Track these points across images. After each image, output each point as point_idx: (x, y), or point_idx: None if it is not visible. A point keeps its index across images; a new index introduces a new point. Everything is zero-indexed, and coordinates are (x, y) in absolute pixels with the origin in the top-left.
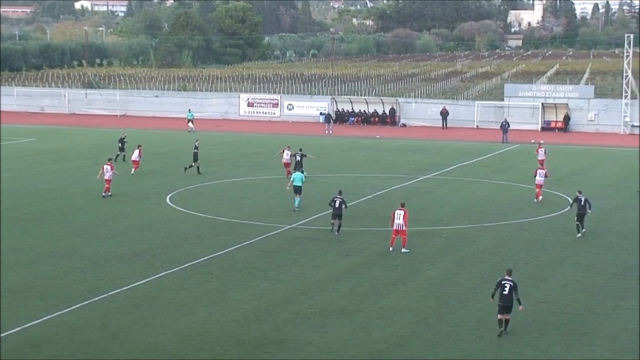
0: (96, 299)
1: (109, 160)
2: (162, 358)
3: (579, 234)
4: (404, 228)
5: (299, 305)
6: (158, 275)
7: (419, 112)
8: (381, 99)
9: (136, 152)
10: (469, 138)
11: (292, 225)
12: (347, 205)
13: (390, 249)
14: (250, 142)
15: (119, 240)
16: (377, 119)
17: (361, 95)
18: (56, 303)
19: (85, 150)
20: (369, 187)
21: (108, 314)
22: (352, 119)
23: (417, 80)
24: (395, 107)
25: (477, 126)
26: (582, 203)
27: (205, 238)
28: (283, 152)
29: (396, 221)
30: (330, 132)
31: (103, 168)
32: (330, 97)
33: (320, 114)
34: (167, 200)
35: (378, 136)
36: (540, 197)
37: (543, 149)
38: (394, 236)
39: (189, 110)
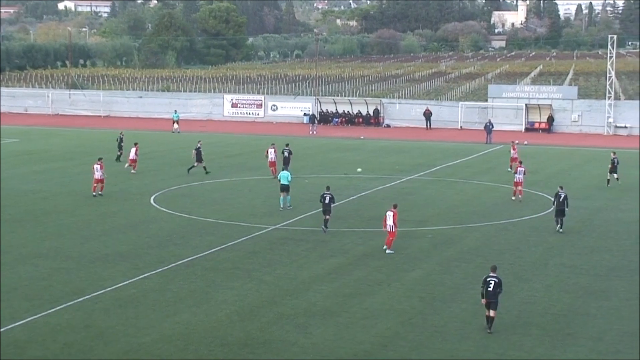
0: (80, 299)
1: (99, 159)
2: (147, 359)
3: (559, 227)
4: (393, 229)
5: (284, 305)
6: (142, 276)
7: (403, 112)
8: (365, 100)
9: (132, 150)
10: (453, 139)
11: (277, 226)
12: (335, 202)
13: (385, 249)
14: (234, 142)
15: (103, 241)
16: (361, 119)
17: (345, 96)
18: (40, 304)
19: (69, 151)
20: (353, 187)
21: (92, 314)
22: (336, 119)
23: (401, 81)
24: (379, 107)
25: (461, 127)
26: (561, 199)
27: (189, 239)
28: (268, 151)
29: (388, 222)
30: (314, 132)
31: (93, 167)
32: (314, 97)
33: (304, 114)
34: (152, 201)
35: (362, 137)
36: (521, 196)
37: (516, 149)
38: (391, 238)
39: (175, 111)
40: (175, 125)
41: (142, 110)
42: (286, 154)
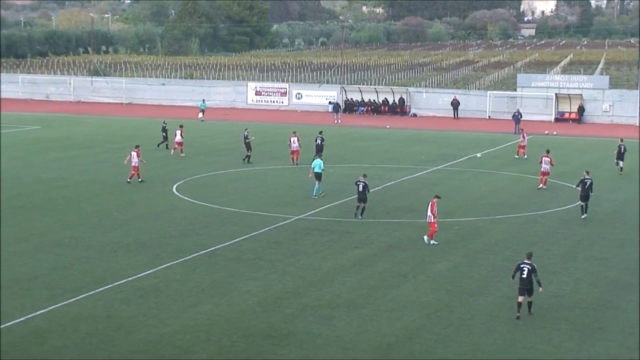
0: (101, 289)
1: (137, 147)
2: (168, 349)
3: (584, 215)
4: (432, 220)
5: (307, 297)
6: (164, 266)
7: (430, 102)
8: (391, 89)
9: (178, 132)
10: (481, 129)
11: (300, 216)
12: (369, 190)
13: (427, 239)
14: (257, 131)
15: (124, 230)
16: (387, 108)
17: (371, 84)
18: (61, 293)
19: (90, 139)
20: (378, 177)
21: (113, 304)
22: (362, 108)
23: (428, 69)
24: (405, 96)
25: (489, 117)
26: (587, 186)
27: (212, 228)
28: (290, 139)
29: (427, 212)
30: (339, 121)
31: (130, 154)
32: (340, 86)
33: (329, 103)
34: (174, 189)
35: (388, 126)
36: (545, 186)
37: (526, 137)
38: (434, 229)
39: (203, 100)
40: (200, 114)
41: (165, 98)
42: (319, 141)
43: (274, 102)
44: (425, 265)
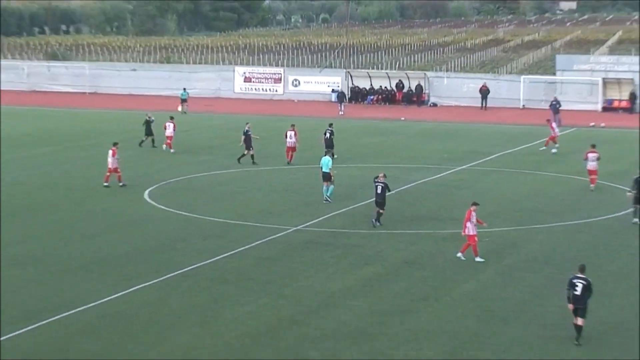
0: (58, 317)
1: (114, 144)
2: None
3: (636, 219)
4: (470, 232)
5: (307, 325)
6: (134, 289)
7: (453, 89)
8: (406, 73)
9: (170, 126)
10: (513, 120)
11: (299, 227)
12: (390, 190)
13: (461, 255)
14: (240, 127)
15: (87, 245)
16: (401, 97)
17: (382, 68)
18: (8, 323)
19: (51, 135)
20: (391, 180)
21: (72, 337)
22: (371, 97)
23: (449, 50)
24: (423, 83)
25: (523, 106)
26: None
27: (191, 243)
28: (287, 134)
29: (466, 224)
30: (343, 112)
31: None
32: (345, 70)
33: (332, 91)
34: (146, 196)
35: (402, 118)
36: (593, 185)
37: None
38: (472, 243)
39: (184, 89)
40: (181, 107)
41: (136, 86)
42: (328, 134)
43: (266, 90)
44: (449, 286)
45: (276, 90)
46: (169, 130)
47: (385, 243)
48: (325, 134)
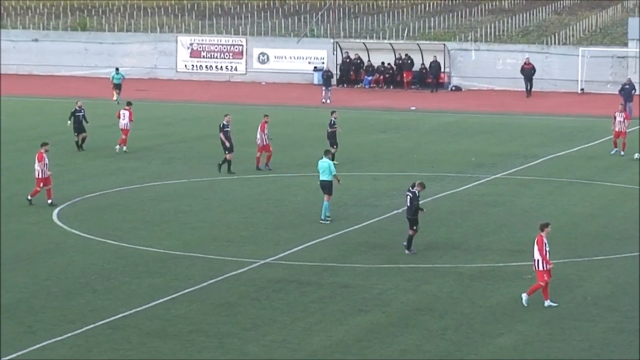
0: None
1: (43, 145)
2: None
3: None
4: (540, 267)
5: None
6: (39, 345)
7: (483, 66)
8: (418, 45)
9: (125, 114)
10: (568, 110)
11: (269, 260)
12: (419, 206)
13: (524, 298)
14: (195, 117)
15: None
16: (410, 78)
17: (384, 38)
18: None
19: None
20: (399, 193)
21: None
22: (369, 78)
23: (479, 11)
24: (441, 58)
25: (582, 90)
26: None
27: (119, 282)
28: (262, 127)
29: (535, 255)
30: (330, 100)
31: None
32: (332, 41)
33: (315, 69)
34: (54, 217)
35: (413, 108)
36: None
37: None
38: (541, 283)
39: (116, 69)
40: (114, 96)
41: (39, 63)
42: (329, 127)
43: (221, 68)
44: (478, 341)
45: (236, 69)
46: (124, 121)
47: (389, 282)
48: (332, 125)
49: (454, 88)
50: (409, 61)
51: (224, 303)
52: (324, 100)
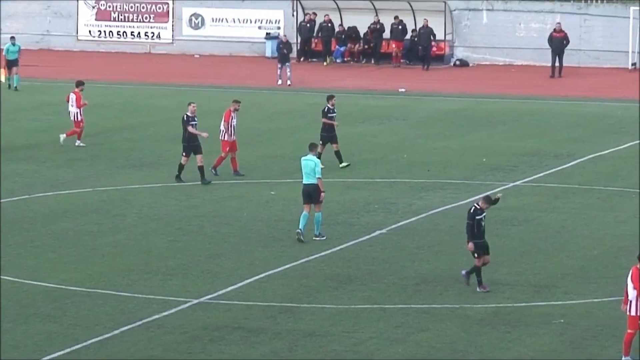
0: None
1: None
2: None
3: None
4: (633, 312)
5: None
6: None
7: (499, 32)
8: (409, 3)
9: (72, 98)
10: (615, 93)
11: (203, 299)
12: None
13: None
14: (104, 103)
15: None
16: (400, 49)
17: None
18: None
19: None
20: (383, 207)
21: None
22: (341, 49)
23: None
24: (441, 22)
25: (633, 65)
26: None
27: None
28: (228, 116)
29: (629, 293)
30: (289, 81)
31: None
32: None
33: (268, 37)
34: None
35: (402, 89)
36: None
37: None
38: (630, 331)
39: (11, 38)
40: (2, 75)
41: None
42: (324, 117)
43: (139, 35)
44: None
45: (159, 36)
46: (72, 106)
47: (369, 328)
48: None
49: (458, 62)
50: (398, 26)
51: (142, 359)
52: (280, 81)
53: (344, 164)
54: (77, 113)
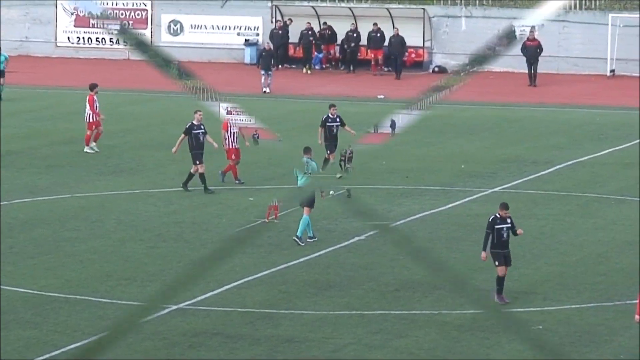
0: None
1: None
2: None
3: None
4: None
5: None
6: None
7: (477, 38)
8: (388, 10)
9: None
10: (594, 100)
11: (182, 305)
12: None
13: None
14: (82, 110)
15: None
16: (379, 56)
17: (341, 0)
18: None
19: None
20: (362, 215)
21: None
22: (320, 55)
23: None
24: (420, 27)
25: (611, 72)
26: None
27: None
28: (226, 128)
29: None
30: (269, 88)
31: None
32: (270, 4)
33: (247, 44)
34: None
35: (381, 96)
36: None
37: None
38: None
39: None
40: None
41: None
42: (331, 124)
43: (118, 42)
44: None
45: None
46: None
47: (348, 334)
48: (331, 125)
49: (436, 69)
50: (377, 34)
51: None
52: (264, 89)
53: (339, 175)
54: (89, 115)
